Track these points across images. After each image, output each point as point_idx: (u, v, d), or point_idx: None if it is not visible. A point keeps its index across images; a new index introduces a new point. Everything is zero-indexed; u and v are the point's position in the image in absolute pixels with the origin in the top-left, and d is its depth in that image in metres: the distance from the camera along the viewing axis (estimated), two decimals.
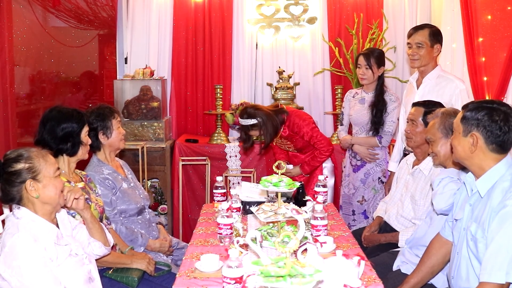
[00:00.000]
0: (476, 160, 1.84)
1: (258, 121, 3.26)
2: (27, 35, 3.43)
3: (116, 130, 2.67)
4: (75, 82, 4.23)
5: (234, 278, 1.62)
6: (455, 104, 2.90)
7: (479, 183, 1.84)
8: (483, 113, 1.80)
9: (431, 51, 3.02)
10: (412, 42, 3.04)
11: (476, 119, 1.81)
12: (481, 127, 1.80)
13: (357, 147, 3.48)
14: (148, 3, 4.66)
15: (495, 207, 1.76)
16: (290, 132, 3.37)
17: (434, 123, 2.33)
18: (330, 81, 4.70)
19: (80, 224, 2.08)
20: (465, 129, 1.84)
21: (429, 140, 2.36)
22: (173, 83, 4.71)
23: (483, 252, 1.76)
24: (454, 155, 1.92)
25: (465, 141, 1.84)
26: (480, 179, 1.84)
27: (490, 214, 1.76)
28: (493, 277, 1.68)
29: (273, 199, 2.48)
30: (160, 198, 4.37)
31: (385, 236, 2.71)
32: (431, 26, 3.09)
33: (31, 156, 1.82)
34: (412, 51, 3.04)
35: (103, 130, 2.63)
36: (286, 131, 3.38)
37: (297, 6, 4.67)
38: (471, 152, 1.83)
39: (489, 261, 1.70)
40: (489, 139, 1.79)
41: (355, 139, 3.50)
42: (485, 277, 1.70)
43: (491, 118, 1.78)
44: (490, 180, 1.81)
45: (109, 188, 2.58)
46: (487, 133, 1.79)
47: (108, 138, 2.65)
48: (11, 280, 1.70)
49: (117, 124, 2.68)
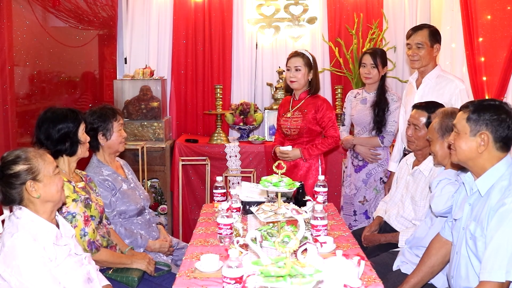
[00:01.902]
0: (481, 160, 1.83)
1: (312, 59, 3.22)
2: (27, 35, 3.42)
3: (116, 133, 2.65)
4: (75, 82, 4.22)
5: (234, 278, 1.62)
6: (454, 104, 2.89)
7: (479, 182, 1.84)
8: (491, 112, 1.80)
9: (431, 51, 3.01)
10: (411, 42, 3.04)
11: (485, 119, 1.80)
12: (491, 126, 1.79)
13: (359, 147, 3.48)
14: (148, 3, 4.66)
15: (494, 205, 1.76)
16: (312, 104, 3.22)
17: (433, 123, 2.35)
18: (330, 81, 4.70)
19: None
20: (473, 129, 1.82)
21: (429, 140, 2.37)
22: (173, 83, 4.71)
23: (483, 250, 1.76)
24: (457, 156, 1.90)
25: (473, 141, 1.83)
26: (480, 178, 1.84)
27: (489, 212, 1.77)
28: (493, 276, 1.68)
29: (273, 199, 2.48)
30: (160, 198, 4.37)
31: (385, 236, 2.71)
32: (429, 26, 3.08)
33: (29, 157, 1.82)
34: (412, 52, 3.03)
35: (103, 131, 2.62)
36: (312, 101, 3.23)
37: (297, 6, 4.67)
38: (480, 152, 1.82)
39: (489, 260, 1.71)
40: (497, 138, 1.80)
41: (357, 139, 3.50)
42: (485, 276, 1.70)
43: (500, 117, 1.79)
44: (490, 179, 1.82)
45: (109, 189, 2.57)
46: (496, 132, 1.79)
47: (107, 139, 2.63)
48: (11, 279, 1.70)
49: (118, 127, 2.66)
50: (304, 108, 3.23)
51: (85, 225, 2.17)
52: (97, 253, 2.20)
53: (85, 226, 2.17)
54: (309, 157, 3.22)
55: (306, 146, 3.24)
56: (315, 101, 3.23)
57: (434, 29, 3.05)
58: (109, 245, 2.35)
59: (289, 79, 3.22)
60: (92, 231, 2.21)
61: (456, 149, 1.90)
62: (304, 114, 3.21)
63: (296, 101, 3.29)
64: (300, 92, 3.27)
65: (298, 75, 3.18)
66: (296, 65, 3.17)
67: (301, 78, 3.19)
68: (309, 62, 3.19)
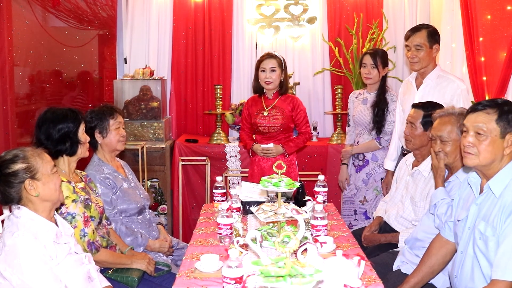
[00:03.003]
0: (500, 161, 1.80)
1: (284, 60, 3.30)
2: (27, 35, 3.42)
3: (113, 131, 2.64)
4: (75, 82, 4.23)
5: (234, 278, 1.62)
6: (456, 104, 2.86)
7: (492, 183, 1.81)
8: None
9: (430, 52, 3.00)
10: (410, 44, 3.02)
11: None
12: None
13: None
14: (148, 3, 4.66)
15: (508, 205, 1.74)
16: (289, 103, 3.33)
17: (448, 122, 2.25)
18: (330, 81, 4.70)
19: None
20: (503, 131, 1.77)
21: (441, 139, 2.26)
22: (173, 83, 4.71)
23: (494, 250, 1.75)
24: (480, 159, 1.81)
25: (501, 143, 1.78)
26: (493, 179, 1.81)
27: (502, 212, 1.74)
28: (507, 275, 1.67)
29: (273, 199, 2.48)
30: (160, 198, 4.37)
31: (385, 236, 2.71)
32: (428, 26, 3.07)
33: (27, 156, 1.82)
34: (411, 53, 3.02)
35: (100, 129, 2.61)
36: (286, 100, 3.33)
37: (297, 6, 4.67)
38: (504, 153, 1.78)
39: (502, 259, 1.69)
40: None
41: (356, 148, 3.52)
42: (498, 275, 1.69)
43: None
44: (504, 180, 1.79)
45: (110, 187, 2.57)
46: None
47: (104, 137, 2.63)
48: (12, 278, 1.70)
49: (115, 125, 2.65)
50: (280, 106, 3.32)
51: (84, 226, 2.17)
52: (97, 254, 2.19)
53: (85, 227, 2.17)
54: (290, 152, 3.32)
55: (285, 142, 3.33)
56: (290, 100, 3.34)
57: (432, 30, 3.04)
58: (108, 245, 2.35)
59: (264, 80, 3.28)
60: (92, 231, 2.21)
61: (481, 153, 1.80)
62: (283, 112, 3.30)
63: (270, 100, 3.35)
64: (273, 92, 3.35)
65: (274, 76, 3.26)
66: (271, 66, 3.25)
67: (276, 78, 3.27)
68: (281, 63, 3.29)
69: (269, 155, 3.29)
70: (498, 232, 1.74)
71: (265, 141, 3.35)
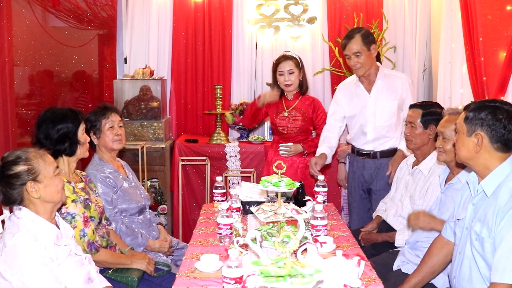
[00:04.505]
0: (481, 160, 1.83)
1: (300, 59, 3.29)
2: (27, 35, 3.43)
3: (107, 131, 2.61)
4: (75, 82, 4.23)
5: (234, 278, 1.62)
6: (406, 98, 3.04)
7: (484, 183, 1.83)
8: (486, 112, 1.79)
9: (370, 54, 3.03)
10: (349, 53, 3.02)
11: (480, 118, 1.80)
12: (485, 126, 1.79)
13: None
14: (148, 3, 4.65)
15: (503, 207, 1.74)
16: (310, 104, 3.34)
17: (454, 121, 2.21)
18: (330, 81, 4.69)
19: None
20: (469, 129, 1.83)
21: (443, 135, 2.28)
22: (173, 83, 4.71)
23: (490, 251, 1.75)
24: (458, 156, 1.91)
25: (470, 141, 1.83)
26: (486, 179, 1.83)
27: (497, 213, 1.75)
28: (506, 278, 1.67)
29: (273, 199, 2.48)
30: (160, 198, 4.37)
31: (382, 235, 2.72)
32: (359, 30, 3.07)
33: (30, 157, 1.82)
34: (352, 61, 3.03)
35: (93, 130, 2.61)
36: (307, 102, 3.35)
37: (297, 6, 4.67)
38: (476, 152, 1.82)
39: (500, 262, 1.69)
40: (494, 138, 1.79)
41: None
42: (497, 278, 1.69)
43: (495, 117, 1.78)
44: (495, 180, 1.80)
45: (110, 186, 2.57)
46: (492, 132, 1.78)
47: (98, 138, 2.62)
48: (12, 279, 1.70)
49: (109, 124, 2.61)
50: (300, 107, 3.33)
51: (84, 226, 2.17)
52: (96, 254, 2.19)
53: (85, 227, 2.17)
54: (309, 151, 3.33)
55: (304, 142, 3.36)
56: (311, 101, 3.35)
57: (365, 32, 3.04)
58: (108, 245, 2.35)
59: (284, 83, 3.27)
60: (92, 231, 2.21)
61: (456, 149, 1.91)
62: (303, 114, 3.31)
63: (290, 101, 3.36)
64: (293, 93, 3.35)
65: (292, 78, 3.27)
66: (288, 68, 3.25)
67: (295, 80, 3.28)
68: (298, 63, 3.29)
69: (289, 153, 3.32)
70: (493, 234, 1.75)
71: (283, 142, 3.39)
